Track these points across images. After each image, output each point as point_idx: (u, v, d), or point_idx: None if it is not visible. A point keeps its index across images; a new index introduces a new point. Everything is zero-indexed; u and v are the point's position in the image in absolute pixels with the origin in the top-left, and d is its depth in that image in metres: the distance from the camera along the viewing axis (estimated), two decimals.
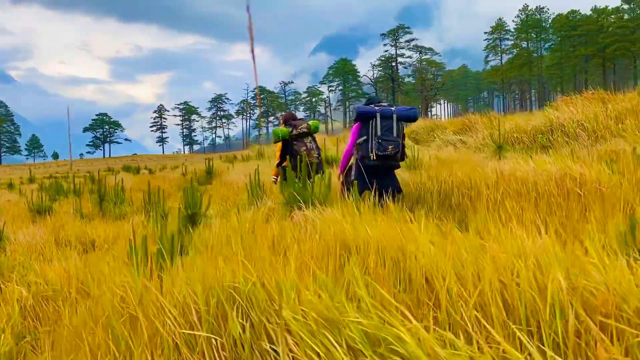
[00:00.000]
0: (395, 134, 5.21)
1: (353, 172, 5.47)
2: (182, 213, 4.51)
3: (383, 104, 5.45)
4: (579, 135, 8.55)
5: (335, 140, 14.32)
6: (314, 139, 6.71)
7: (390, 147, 5.11)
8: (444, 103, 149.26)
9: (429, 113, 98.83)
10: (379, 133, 5.13)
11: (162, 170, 25.79)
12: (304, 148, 6.50)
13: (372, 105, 5.38)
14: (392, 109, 5.29)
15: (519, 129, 9.96)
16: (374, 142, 5.13)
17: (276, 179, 6.80)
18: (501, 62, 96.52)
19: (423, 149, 11.19)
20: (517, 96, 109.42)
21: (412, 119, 5.49)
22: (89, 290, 3.02)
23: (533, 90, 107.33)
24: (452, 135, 12.05)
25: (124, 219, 6.55)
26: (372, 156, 5.12)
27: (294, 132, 6.50)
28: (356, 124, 5.58)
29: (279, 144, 6.72)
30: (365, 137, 5.23)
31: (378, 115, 5.19)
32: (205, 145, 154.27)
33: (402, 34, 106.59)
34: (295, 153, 6.39)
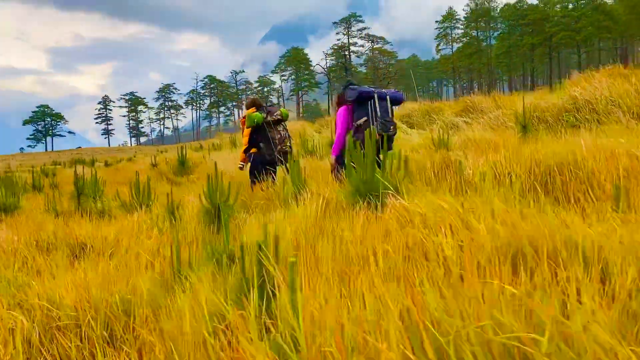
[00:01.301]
0: (391, 115, 5.23)
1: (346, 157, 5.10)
2: (203, 207, 3.67)
3: (370, 86, 5.50)
4: (611, 112, 8.21)
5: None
6: (285, 128, 6.52)
7: (391, 126, 5.14)
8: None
9: None
10: (379, 113, 5.10)
11: (120, 162, 24.14)
12: (279, 136, 6.33)
13: (364, 86, 5.38)
14: (384, 90, 5.34)
15: (537, 108, 9.54)
16: (377, 122, 5.09)
17: (243, 166, 6.55)
18: (452, 51, 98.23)
19: (423, 131, 10.64)
20: (465, 85, 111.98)
21: (400, 101, 5.53)
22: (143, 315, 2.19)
23: (477, 80, 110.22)
24: (453, 117, 11.55)
25: (110, 216, 5.57)
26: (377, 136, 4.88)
27: (269, 118, 6.29)
28: (343, 107, 5.50)
29: (247, 130, 6.38)
30: (365, 118, 5.17)
31: (376, 95, 5.18)
32: (153, 137, 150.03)
33: (354, 22, 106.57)
34: (270, 140, 6.23)
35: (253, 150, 6.45)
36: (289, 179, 4.77)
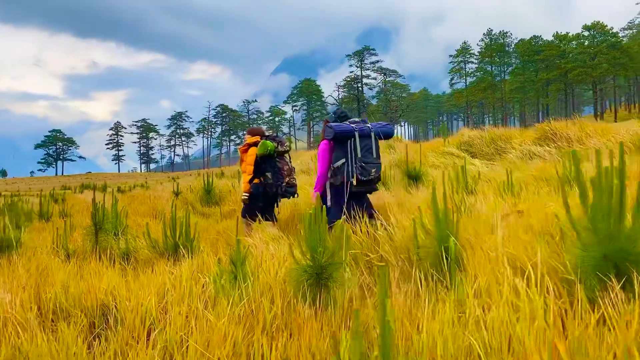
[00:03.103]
0: (375, 155, 4.71)
1: (328, 198, 4.80)
2: (297, 267, 2.38)
3: (355, 119, 4.89)
4: None
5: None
6: (290, 159, 6.30)
7: (373, 170, 4.60)
8: (405, 125, 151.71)
9: None
10: (359, 155, 4.58)
11: (134, 188, 22.86)
12: (287, 167, 6.05)
13: (347, 123, 4.76)
14: (369, 125, 4.76)
15: None
16: (355, 165, 4.57)
17: (247, 197, 6.08)
18: (465, 85, 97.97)
19: (488, 162, 9.33)
20: (476, 119, 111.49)
21: (389, 136, 4.95)
22: None
23: (489, 114, 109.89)
24: (532, 145, 10.14)
25: (137, 260, 4.27)
26: (354, 182, 4.54)
27: (280, 148, 6.05)
28: (325, 142, 4.94)
29: (252, 158, 6.07)
30: (343, 160, 4.64)
31: (357, 134, 4.62)
32: (163, 163, 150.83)
33: (367, 55, 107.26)
34: (279, 171, 5.95)
35: (256, 180, 6.12)
36: None
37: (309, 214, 2.29)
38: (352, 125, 4.72)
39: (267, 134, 6.41)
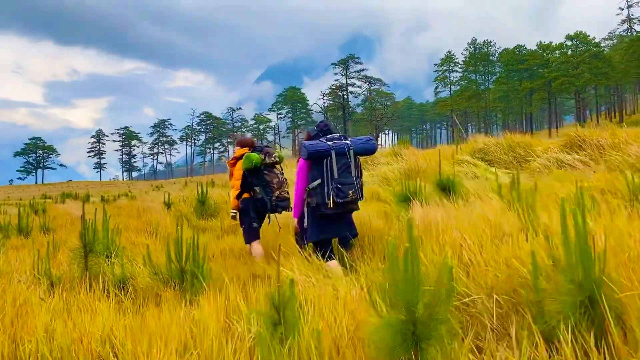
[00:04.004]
0: (353, 174, 4.42)
1: (305, 219, 4.54)
2: (382, 324, 1.73)
3: (334, 135, 4.59)
4: None
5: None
6: (281, 170, 5.92)
7: (350, 191, 4.31)
8: (390, 133, 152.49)
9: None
10: (335, 176, 4.30)
11: (118, 198, 21.85)
12: (277, 180, 5.68)
13: (323, 140, 4.45)
14: (348, 142, 4.47)
15: None
16: (330, 187, 4.28)
17: (235, 214, 5.76)
18: (450, 94, 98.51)
19: (506, 171, 8.74)
20: (462, 128, 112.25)
21: (370, 152, 4.72)
22: None
23: (473, 123, 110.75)
24: (560, 153, 9.51)
25: (135, 289, 3.55)
26: (330, 204, 4.27)
27: (267, 159, 5.68)
28: (303, 160, 4.59)
29: (240, 172, 5.71)
30: (319, 181, 4.35)
31: (333, 153, 4.33)
32: (145, 172, 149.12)
33: (352, 64, 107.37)
34: (267, 184, 5.61)
35: (245, 195, 5.75)
36: None
37: (397, 246, 1.67)
38: (329, 143, 4.40)
39: (256, 144, 6.05)
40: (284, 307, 2.02)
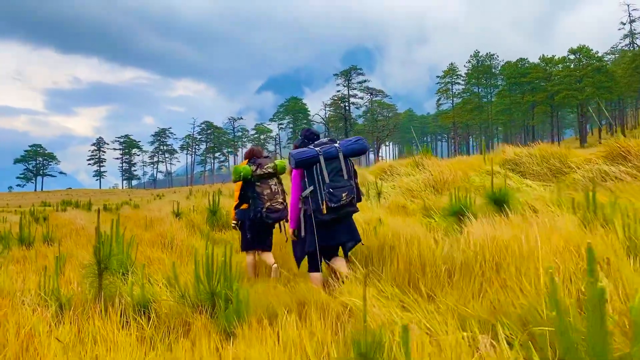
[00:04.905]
0: (346, 176, 4.37)
1: (302, 228, 4.44)
2: None
3: (323, 140, 4.57)
4: None
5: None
6: (279, 181, 5.94)
7: (343, 194, 4.28)
8: (390, 145, 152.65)
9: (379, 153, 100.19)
10: (327, 180, 4.29)
11: (121, 207, 21.28)
12: (268, 191, 5.71)
13: (311, 146, 4.43)
14: (336, 145, 4.42)
15: None
16: (323, 192, 4.26)
17: (236, 224, 5.97)
18: (452, 106, 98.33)
19: (548, 185, 8.21)
20: (462, 141, 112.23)
21: (361, 152, 4.57)
22: None
23: (474, 136, 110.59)
24: (602, 164, 8.92)
25: (158, 316, 3.05)
26: (324, 209, 4.25)
27: (258, 171, 5.71)
28: (296, 169, 4.53)
29: (239, 183, 5.86)
30: (312, 188, 4.32)
31: (322, 158, 4.31)
32: (145, 180, 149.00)
33: (354, 75, 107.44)
34: (258, 195, 5.66)
35: (244, 206, 5.87)
36: None
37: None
38: (316, 148, 4.37)
39: (262, 155, 6.05)
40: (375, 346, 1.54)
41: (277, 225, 5.84)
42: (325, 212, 4.22)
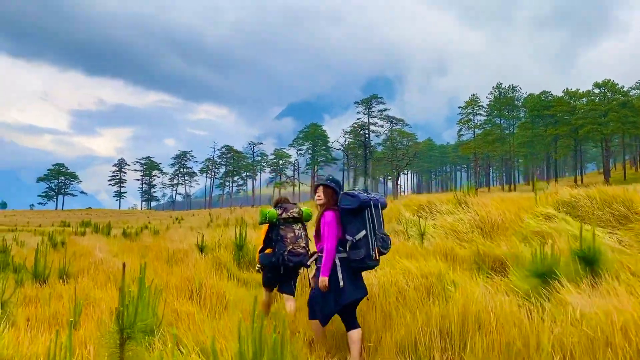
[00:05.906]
0: (383, 227, 4.44)
1: (340, 277, 4.29)
2: None
3: (357, 188, 4.52)
4: None
5: None
6: (304, 227, 5.99)
7: (389, 242, 4.39)
8: (408, 174, 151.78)
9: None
10: (377, 227, 4.28)
11: (141, 232, 20.89)
12: (292, 234, 5.77)
13: (355, 190, 4.42)
14: (377, 197, 4.44)
15: None
16: (375, 237, 4.25)
17: (260, 268, 5.95)
18: (474, 137, 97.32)
19: (615, 233, 7.41)
20: (482, 171, 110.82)
21: (384, 208, 4.61)
22: None
23: (493, 166, 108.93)
24: None
25: None
26: (375, 255, 4.21)
27: (284, 215, 5.81)
28: (331, 213, 4.45)
29: (265, 227, 5.97)
30: (364, 232, 4.26)
31: (372, 203, 4.33)
32: (164, 202, 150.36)
33: (374, 103, 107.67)
34: (281, 238, 5.72)
35: (268, 250, 5.89)
36: None
37: None
38: (363, 194, 4.38)
39: (291, 202, 6.17)
40: None
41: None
42: (377, 258, 4.20)
